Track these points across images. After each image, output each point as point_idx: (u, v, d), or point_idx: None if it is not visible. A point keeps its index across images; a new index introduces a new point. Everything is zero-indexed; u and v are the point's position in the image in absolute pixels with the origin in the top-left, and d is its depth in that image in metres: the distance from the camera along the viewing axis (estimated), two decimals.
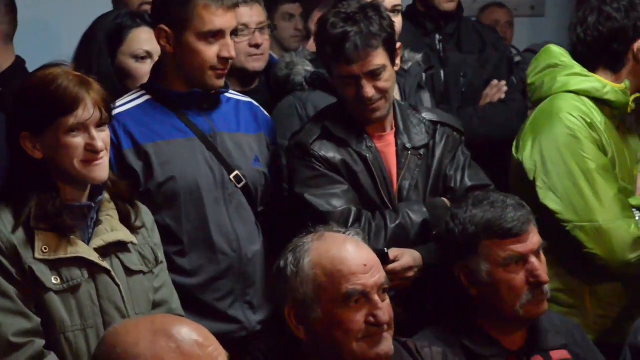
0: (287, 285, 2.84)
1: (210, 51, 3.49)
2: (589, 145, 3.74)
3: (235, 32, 3.57)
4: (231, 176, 3.58)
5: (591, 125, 3.75)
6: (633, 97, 3.88)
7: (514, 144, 3.92)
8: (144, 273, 3.14)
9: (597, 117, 3.79)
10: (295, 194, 3.59)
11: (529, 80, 3.98)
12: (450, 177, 3.70)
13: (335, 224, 3.06)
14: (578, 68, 3.85)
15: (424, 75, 4.43)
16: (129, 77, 3.96)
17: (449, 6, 4.84)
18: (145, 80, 3.73)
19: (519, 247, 3.27)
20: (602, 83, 3.81)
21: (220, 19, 3.47)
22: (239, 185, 3.59)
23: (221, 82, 3.58)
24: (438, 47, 4.73)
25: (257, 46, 4.34)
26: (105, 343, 2.12)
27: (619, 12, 3.81)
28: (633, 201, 3.83)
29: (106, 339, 2.13)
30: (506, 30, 5.97)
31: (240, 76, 4.25)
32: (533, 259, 3.28)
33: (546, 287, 3.29)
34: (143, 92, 3.61)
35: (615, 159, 3.82)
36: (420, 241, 3.58)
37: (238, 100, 3.75)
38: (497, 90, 4.69)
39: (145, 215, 3.22)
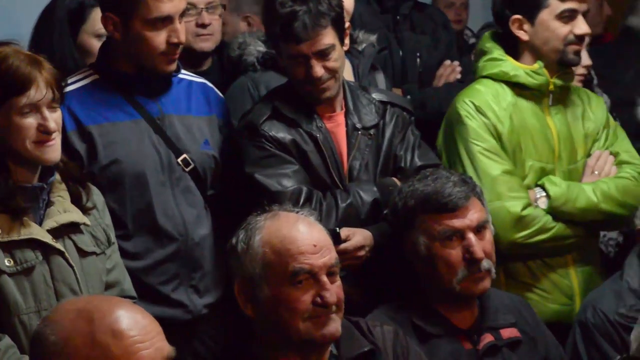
0: (238, 262, 2.83)
1: (158, 38, 3.45)
2: (474, 129, 3.81)
3: (183, 14, 3.51)
4: (179, 159, 3.54)
5: (479, 109, 3.82)
6: (555, 75, 3.91)
7: None
8: (97, 254, 3.13)
9: (506, 99, 3.86)
10: (246, 175, 3.57)
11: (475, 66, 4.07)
12: (400, 157, 3.72)
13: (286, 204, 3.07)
14: (496, 53, 3.92)
15: (384, 55, 4.45)
16: (91, 56, 3.89)
17: None
18: None
19: (455, 222, 3.30)
20: (512, 66, 3.88)
21: (167, 5, 3.42)
22: (187, 169, 3.56)
23: (172, 67, 3.55)
24: (394, 27, 4.75)
25: (203, 26, 4.32)
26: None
27: None
28: (544, 180, 3.87)
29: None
30: (461, 11, 5.94)
31: (188, 57, 4.17)
32: (470, 235, 3.30)
33: (485, 264, 3.30)
34: (91, 71, 3.57)
35: (519, 140, 3.85)
36: (371, 221, 3.59)
37: (191, 82, 3.72)
38: (451, 70, 4.72)
39: (96, 196, 3.21)
